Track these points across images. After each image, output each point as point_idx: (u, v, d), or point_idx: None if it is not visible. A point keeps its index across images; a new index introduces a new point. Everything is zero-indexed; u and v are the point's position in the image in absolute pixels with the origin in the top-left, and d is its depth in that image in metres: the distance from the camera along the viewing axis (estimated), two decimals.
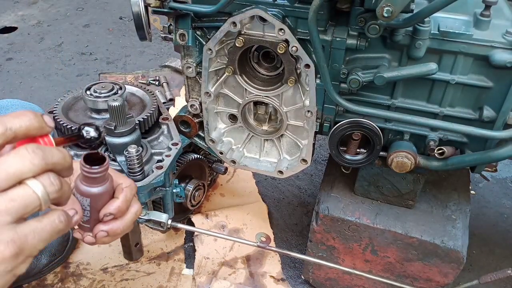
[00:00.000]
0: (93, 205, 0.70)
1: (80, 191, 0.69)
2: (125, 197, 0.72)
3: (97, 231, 0.72)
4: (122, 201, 0.72)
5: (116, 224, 0.72)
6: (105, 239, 0.73)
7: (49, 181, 0.53)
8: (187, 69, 1.18)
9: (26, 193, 0.52)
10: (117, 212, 0.71)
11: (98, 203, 0.71)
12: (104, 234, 0.72)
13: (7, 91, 2.55)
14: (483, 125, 1.02)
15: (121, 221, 0.73)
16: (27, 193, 0.52)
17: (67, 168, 0.57)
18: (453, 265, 1.22)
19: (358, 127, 1.09)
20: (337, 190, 1.32)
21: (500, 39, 0.93)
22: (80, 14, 3.36)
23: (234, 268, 1.55)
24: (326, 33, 1.02)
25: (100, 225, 0.72)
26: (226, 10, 1.03)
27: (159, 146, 1.15)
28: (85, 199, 0.69)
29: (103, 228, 0.72)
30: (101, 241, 0.73)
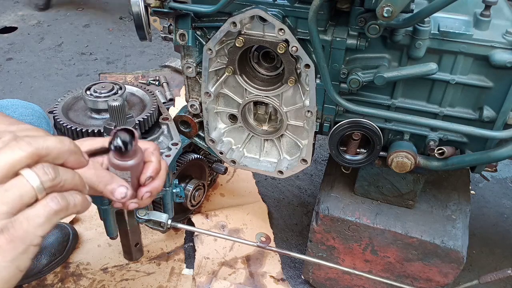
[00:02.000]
0: (133, 175, 0.75)
1: (119, 167, 0.72)
2: (157, 159, 0.78)
3: (142, 194, 0.76)
4: (156, 162, 0.77)
5: (156, 183, 0.78)
6: (148, 200, 0.79)
7: (43, 171, 0.53)
8: (187, 69, 1.18)
9: (20, 183, 0.52)
10: (155, 173, 0.77)
11: (137, 172, 0.76)
12: (148, 195, 0.77)
13: (7, 91, 2.55)
14: (483, 125, 1.02)
15: (159, 179, 0.79)
16: (21, 183, 0.52)
17: (66, 152, 0.56)
18: (453, 265, 1.22)
19: (358, 127, 1.09)
20: (337, 190, 1.32)
21: (500, 39, 0.93)
22: (80, 14, 3.36)
23: (234, 268, 1.55)
24: (326, 33, 1.02)
25: (142, 189, 0.76)
26: (226, 10, 1.03)
27: (159, 146, 1.15)
28: (125, 173, 0.73)
29: (146, 190, 0.76)
30: (145, 202, 0.79)
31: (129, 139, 0.68)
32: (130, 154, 0.71)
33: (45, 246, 1.49)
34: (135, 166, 0.74)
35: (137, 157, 0.72)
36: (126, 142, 0.68)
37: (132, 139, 0.69)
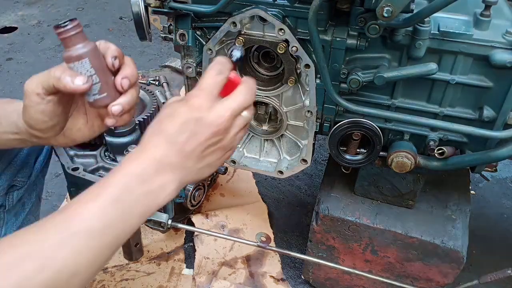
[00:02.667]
0: (95, 65, 0.71)
1: (75, 56, 0.70)
2: (113, 45, 0.75)
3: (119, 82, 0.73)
4: (114, 46, 0.74)
5: (127, 68, 0.75)
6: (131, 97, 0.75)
7: (251, 113, 0.76)
8: (187, 69, 1.18)
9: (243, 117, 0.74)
10: (119, 53, 0.74)
11: (99, 63, 0.72)
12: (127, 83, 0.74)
13: (7, 91, 2.55)
14: (483, 125, 1.02)
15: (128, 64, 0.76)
16: (244, 117, 0.74)
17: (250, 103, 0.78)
18: (453, 265, 1.22)
19: (358, 127, 1.09)
20: (337, 190, 1.32)
21: (500, 39, 0.93)
22: (80, 14, 3.36)
23: (234, 268, 1.55)
24: (326, 33, 1.02)
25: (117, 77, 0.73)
26: (226, 10, 1.03)
27: None
28: (83, 62, 0.70)
29: (121, 76, 0.73)
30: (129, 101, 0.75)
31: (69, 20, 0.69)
32: (77, 39, 0.69)
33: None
34: (91, 52, 0.70)
35: (87, 42, 0.70)
36: (66, 21, 0.69)
37: (73, 20, 0.69)
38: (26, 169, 1.17)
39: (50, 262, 0.57)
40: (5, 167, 1.09)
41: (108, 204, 0.62)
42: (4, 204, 1.14)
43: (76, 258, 0.59)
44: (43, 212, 1.55)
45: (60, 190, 1.88)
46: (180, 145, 0.68)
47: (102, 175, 1.05)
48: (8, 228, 1.18)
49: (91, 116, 0.81)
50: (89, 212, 0.61)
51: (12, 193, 1.15)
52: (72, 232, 0.59)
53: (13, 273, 0.55)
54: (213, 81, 0.71)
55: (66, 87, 0.69)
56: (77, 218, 0.60)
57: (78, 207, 0.62)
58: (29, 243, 0.58)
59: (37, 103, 0.72)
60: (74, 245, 0.59)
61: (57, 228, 0.59)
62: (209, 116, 0.69)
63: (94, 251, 0.61)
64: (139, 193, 0.65)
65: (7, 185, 1.11)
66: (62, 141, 0.82)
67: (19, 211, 1.21)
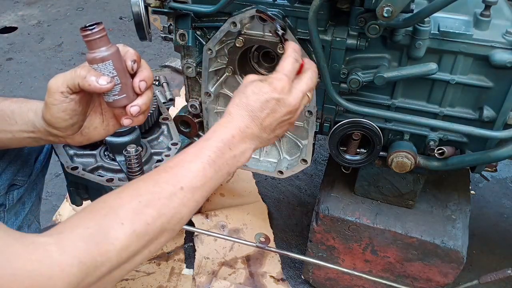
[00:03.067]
0: (117, 67, 0.74)
1: (100, 58, 0.73)
2: (132, 49, 0.79)
3: (137, 84, 0.78)
4: (132, 50, 0.79)
5: (145, 71, 0.79)
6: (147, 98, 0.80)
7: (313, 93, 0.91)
8: (187, 69, 1.18)
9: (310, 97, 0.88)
10: (137, 57, 0.78)
11: (120, 65, 0.75)
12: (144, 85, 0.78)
13: (7, 91, 2.55)
14: (483, 125, 1.02)
15: (145, 67, 0.80)
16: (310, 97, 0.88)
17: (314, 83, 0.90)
18: (453, 265, 1.22)
19: (358, 127, 1.09)
20: (337, 190, 1.32)
21: (500, 39, 0.93)
22: (80, 14, 3.36)
23: (234, 268, 1.55)
24: (326, 33, 1.02)
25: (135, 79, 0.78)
26: (226, 10, 1.03)
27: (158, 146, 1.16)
28: (107, 64, 0.73)
29: (139, 78, 0.78)
30: (145, 101, 0.79)
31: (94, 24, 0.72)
32: (102, 42, 0.72)
33: None
34: (114, 55, 0.74)
35: (111, 45, 0.73)
36: (91, 24, 0.71)
37: (98, 24, 0.72)
38: (26, 168, 1.17)
39: (165, 210, 0.69)
40: (5, 166, 1.09)
41: (207, 165, 0.74)
42: (4, 203, 1.14)
43: (182, 208, 0.71)
44: (43, 212, 1.55)
45: (60, 190, 1.88)
46: (261, 120, 0.81)
47: (101, 175, 1.05)
48: (8, 227, 1.18)
49: (107, 116, 0.85)
50: (192, 172, 0.73)
51: (12, 192, 1.15)
52: (180, 187, 0.71)
53: (139, 217, 0.66)
54: (292, 67, 0.84)
55: (90, 86, 0.72)
56: (183, 175, 0.72)
57: (183, 166, 0.73)
58: (149, 193, 0.69)
59: (60, 102, 0.75)
60: (182, 198, 0.71)
61: (169, 183, 0.71)
62: (288, 98, 0.82)
63: (193, 203, 0.73)
64: (228, 157, 0.77)
65: (7, 184, 1.11)
66: (79, 140, 0.85)
67: (19, 210, 1.21)
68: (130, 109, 0.78)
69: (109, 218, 0.64)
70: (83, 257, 0.60)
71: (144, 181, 0.72)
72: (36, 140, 0.86)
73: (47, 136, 0.83)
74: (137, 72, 0.79)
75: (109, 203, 0.67)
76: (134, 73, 0.79)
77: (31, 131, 0.84)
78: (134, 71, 0.78)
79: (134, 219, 0.65)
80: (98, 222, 0.63)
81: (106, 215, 0.65)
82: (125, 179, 1.04)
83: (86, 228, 0.62)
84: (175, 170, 0.73)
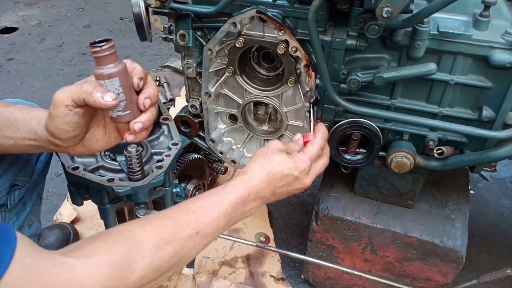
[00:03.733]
0: (123, 84, 0.75)
1: (107, 75, 0.73)
2: (139, 65, 0.80)
3: (142, 102, 0.79)
4: (139, 67, 0.80)
5: (150, 88, 0.80)
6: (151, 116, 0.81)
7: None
8: (188, 69, 1.18)
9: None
10: (144, 74, 0.79)
11: (127, 82, 0.76)
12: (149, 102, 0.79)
13: (8, 91, 2.55)
14: (482, 125, 1.02)
15: (151, 85, 0.81)
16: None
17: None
18: (452, 264, 1.22)
19: (358, 127, 1.09)
20: (337, 190, 1.32)
21: (499, 39, 0.94)
22: (80, 14, 3.37)
23: (234, 267, 1.56)
24: (325, 33, 1.02)
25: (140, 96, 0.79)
26: (226, 10, 1.04)
27: (159, 146, 1.16)
28: (113, 80, 0.74)
29: (144, 96, 0.79)
30: (148, 118, 0.81)
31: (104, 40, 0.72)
32: (111, 59, 0.73)
33: (46, 245, 1.49)
34: (121, 72, 0.74)
35: (119, 62, 0.74)
36: (101, 40, 0.72)
37: (108, 41, 0.72)
38: (27, 168, 1.17)
39: (180, 250, 0.76)
40: (7, 166, 1.10)
41: (222, 216, 0.83)
42: (6, 203, 1.14)
43: (193, 250, 0.79)
44: (44, 212, 1.55)
45: (60, 190, 1.89)
46: (275, 188, 0.91)
47: (102, 175, 1.05)
48: None
49: (109, 129, 0.86)
50: (209, 219, 0.81)
51: (14, 192, 1.15)
52: (196, 232, 0.79)
53: (159, 252, 0.73)
54: (317, 153, 0.96)
55: (96, 102, 0.73)
56: (201, 221, 0.80)
57: (203, 212, 0.81)
58: (170, 231, 0.76)
59: (64, 114, 0.76)
60: (195, 241, 0.79)
61: (189, 226, 0.78)
62: (305, 179, 0.94)
63: (202, 246, 0.82)
64: (240, 212, 0.87)
65: (9, 184, 1.12)
66: (79, 150, 0.86)
67: (20, 210, 1.22)
68: (134, 125, 0.79)
69: (133, 250, 0.71)
70: (105, 282, 0.66)
71: (169, 219, 0.79)
72: (38, 148, 0.87)
73: (49, 145, 0.84)
74: (142, 89, 0.80)
75: (134, 235, 0.74)
76: (139, 90, 0.80)
77: (33, 139, 0.85)
78: (140, 88, 0.80)
79: (154, 254, 0.72)
80: (123, 252, 0.70)
81: (131, 246, 0.71)
82: (126, 179, 1.05)
83: (112, 255, 0.68)
84: (196, 215, 0.81)
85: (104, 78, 0.73)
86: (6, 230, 0.63)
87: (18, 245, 0.61)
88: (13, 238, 0.62)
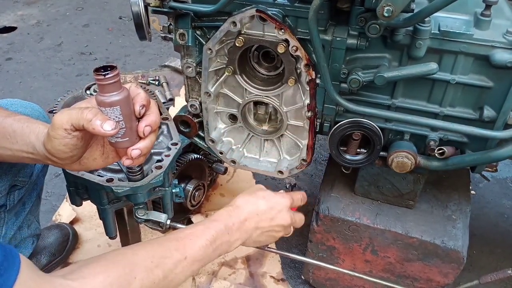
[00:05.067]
0: (124, 113, 0.74)
1: (108, 103, 0.72)
2: (143, 91, 0.80)
3: (142, 129, 0.79)
4: (143, 93, 0.80)
5: (152, 116, 0.80)
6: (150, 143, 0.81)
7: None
8: (187, 69, 1.18)
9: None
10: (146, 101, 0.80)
11: (129, 110, 0.75)
12: (149, 130, 0.79)
13: (6, 91, 2.55)
14: (483, 125, 1.02)
15: (153, 112, 0.81)
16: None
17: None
18: (453, 265, 1.22)
19: (358, 127, 1.09)
20: (337, 190, 1.32)
21: (501, 38, 0.93)
22: (79, 13, 3.36)
23: (234, 268, 1.55)
24: (326, 32, 1.02)
25: (141, 124, 0.79)
26: (226, 9, 1.03)
27: (158, 146, 1.15)
28: (114, 109, 0.73)
29: (145, 123, 0.79)
30: (147, 146, 0.81)
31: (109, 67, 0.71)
32: (114, 87, 0.72)
33: (45, 246, 1.49)
34: (123, 101, 0.73)
35: (121, 90, 0.73)
36: (106, 66, 0.71)
37: (113, 68, 0.71)
38: (27, 169, 1.16)
39: (169, 274, 0.82)
40: (6, 167, 1.09)
41: (208, 242, 0.89)
42: (5, 204, 1.14)
43: (181, 276, 0.85)
44: (43, 212, 1.55)
45: (59, 190, 1.88)
46: (259, 220, 0.99)
47: (101, 175, 1.05)
48: (9, 227, 1.18)
49: (108, 149, 0.86)
50: (197, 245, 0.87)
51: (13, 193, 1.15)
52: (184, 257, 0.85)
53: (149, 275, 0.79)
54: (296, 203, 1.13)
55: (95, 130, 0.73)
56: (190, 247, 0.86)
57: (191, 239, 0.88)
58: (160, 256, 0.82)
59: (62, 137, 0.76)
60: (184, 266, 0.85)
61: (178, 251, 0.85)
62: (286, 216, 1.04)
63: (190, 273, 0.87)
64: (225, 240, 0.93)
65: (8, 185, 1.11)
66: (76, 168, 0.86)
67: (19, 210, 1.21)
68: (131, 152, 0.79)
69: (126, 272, 0.76)
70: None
71: (159, 245, 0.85)
72: (35, 160, 0.87)
73: (46, 160, 0.84)
74: (144, 115, 0.80)
75: (128, 258, 0.80)
76: (140, 116, 0.80)
77: (31, 153, 0.85)
78: (141, 115, 0.79)
79: (144, 276, 0.78)
80: (117, 273, 0.75)
81: (125, 268, 0.77)
82: (125, 179, 1.04)
83: (106, 277, 0.73)
84: (185, 241, 0.87)
85: (105, 105, 0.73)
86: (11, 253, 0.65)
87: (22, 269, 0.64)
88: (18, 262, 0.64)
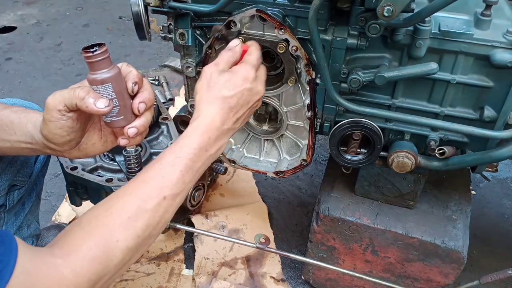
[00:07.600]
0: (117, 90, 0.74)
1: (100, 80, 0.72)
2: (134, 69, 0.80)
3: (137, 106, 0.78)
4: (135, 70, 0.79)
5: (145, 92, 0.79)
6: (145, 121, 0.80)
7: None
8: (187, 68, 1.18)
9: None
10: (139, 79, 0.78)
11: (121, 87, 0.75)
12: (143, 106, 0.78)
13: (6, 90, 2.55)
14: (484, 125, 1.02)
15: (146, 88, 0.80)
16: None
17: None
18: (453, 265, 1.21)
19: (359, 127, 1.08)
20: (338, 191, 1.31)
21: (501, 38, 0.93)
22: (79, 13, 3.36)
23: (234, 268, 1.55)
24: (326, 32, 1.01)
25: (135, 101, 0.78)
26: (226, 9, 1.03)
27: (158, 146, 1.15)
28: (106, 86, 0.73)
29: (139, 100, 0.78)
30: (143, 123, 0.80)
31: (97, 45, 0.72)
32: (104, 64, 0.72)
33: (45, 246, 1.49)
34: (115, 77, 0.73)
35: (112, 67, 0.73)
36: (94, 44, 0.72)
37: (101, 45, 0.71)
38: (26, 168, 1.16)
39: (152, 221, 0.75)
40: (5, 166, 1.09)
41: (185, 172, 0.78)
42: (5, 204, 1.13)
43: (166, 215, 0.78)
44: (43, 212, 1.55)
45: (59, 190, 1.88)
46: (235, 113, 0.85)
47: (100, 175, 1.05)
48: (8, 227, 1.18)
49: (106, 132, 0.86)
50: (172, 181, 0.77)
51: (13, 193, 1.15)
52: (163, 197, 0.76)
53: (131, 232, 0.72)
54: (258, 61, 0.93)
55: (88, 108, 0.73)
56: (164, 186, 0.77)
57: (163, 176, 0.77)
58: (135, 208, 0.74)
59: (57, 119, 0.75)
60: (165, 206, 0.77)
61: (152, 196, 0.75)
62: (257, 87, 0.89)
63: (175, 207, 0.80)
64: (205, 158, 0.82)
65: (7, 184, 1.11)
66: (76, 154, 0.86)
67: (19, 210, 1.21)
68: (128, 130, 0.79)
69: (106, 238, 0.71)
70: (91, 275, 0.69)
71: (129, 195, 0.76)
72: (34, 151, 0.87)
73: (45, 149, 0.84)
74: (137, 93, 0.79)
75: (102, 221, 0.72)
76: (134, 94, 0.79)
77: (29, 142, 0.85)
78: (135, 93, 0.79)
79: (127, 235, 0.72)
80: (97, 244, 0.70)
81: (103, 235, 0.71)
82: (125, 179, 1.04)
83: (88, 249, 0.69)
84: (156, 181, 0.77)
85: (97, 83, 0.73)
86: (7, 236, 0.64)
87: (19, 251, 0.63)
88: (15, 245, 0.64)
